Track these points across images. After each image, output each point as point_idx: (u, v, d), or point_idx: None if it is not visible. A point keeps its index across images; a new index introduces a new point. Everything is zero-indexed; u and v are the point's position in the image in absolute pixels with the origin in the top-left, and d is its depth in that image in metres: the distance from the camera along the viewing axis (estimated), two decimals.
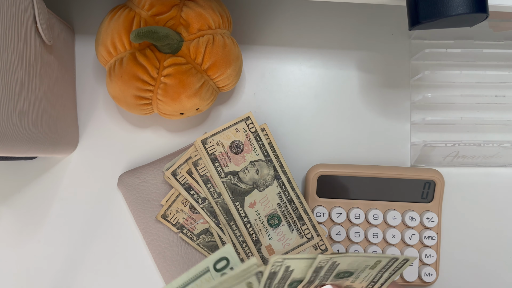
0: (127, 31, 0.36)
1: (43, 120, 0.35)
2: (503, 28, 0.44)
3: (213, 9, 0.37)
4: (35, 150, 0.34)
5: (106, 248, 0.43)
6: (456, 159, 0.43)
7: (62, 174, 0.43)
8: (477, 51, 0.43)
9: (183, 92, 0.36)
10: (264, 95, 0.45)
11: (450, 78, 0.44)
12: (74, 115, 0.43)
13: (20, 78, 0.31)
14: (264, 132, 0.40)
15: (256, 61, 0.45)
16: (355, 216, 0.42)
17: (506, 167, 0.45)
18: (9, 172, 0.43)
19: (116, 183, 0.43)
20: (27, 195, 0.43)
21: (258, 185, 0.40)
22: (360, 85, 0.45)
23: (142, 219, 0.41)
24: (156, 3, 0.36)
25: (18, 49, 0.31)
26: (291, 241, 0.40)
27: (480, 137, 0.45)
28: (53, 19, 0.38)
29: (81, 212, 0.43)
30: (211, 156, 0.39)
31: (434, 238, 0.42)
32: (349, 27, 0.45)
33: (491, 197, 0.44)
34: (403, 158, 0.45)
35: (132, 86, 0.36)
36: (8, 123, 0.29)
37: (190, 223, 0.40)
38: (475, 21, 0.28)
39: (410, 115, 0.45)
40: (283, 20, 0.45)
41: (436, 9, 0.26)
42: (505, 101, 0.44)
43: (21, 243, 0.43)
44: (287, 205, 0.40)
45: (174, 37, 0.35)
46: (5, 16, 0.29)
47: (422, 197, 0.42)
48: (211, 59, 0.36)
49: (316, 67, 0.45)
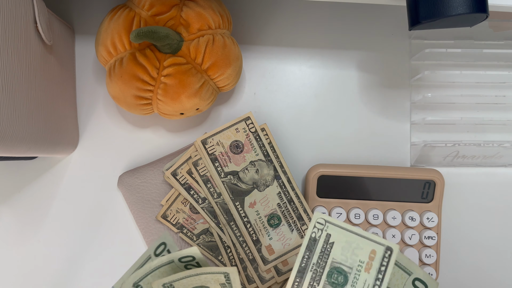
0: (127, 31, 0.36)
1: (43, 120, 0.35)
2: (503, 28, 0.44)
3: (213, 9, 0.37)
4: (35, 150, 0.34)
5: (106, 248, 0.43)
6: (456, 159, 0.43)
7: (62, 174, 0.43)
8: (477, 51, 0.43)
9: (183, 92, 0.36)
10: (264, 95, 0.45)
11: (450, 78, 0.44)
12: (74, 115, 0.43)
13: (20, 78, 0.31)
14: (264, 132, 0.40)
15: (256, 61, 0.45)
16: (355, 216, 0.42)
17: (506, 167, 0.45)
18: (9, 172, 0.43)
19: (116, 183, 0.43)
20: (27, 195, 0.43)
21: (258, 185, 0.40)
22: (360, 85, 0.45)
23: (142, 219, 0.41)
24: (156, 3, 0.36)
25: (18, 49, 0.31)
26: (291, 241, 0.40)
27: (480, 137, 0.45)
28: (53, 19, 0.38)
29: (81, 212, 0.43)
30: (211, 156, 0.39)
31: (434, 238, 0.42)
32: (349, 27, 0.45)
33: (491, 197, 0.44)
34: (403, 158, 0.45)
35: (132, 86, 0.36)
36: (8, 123, 0.29)
37: (190, 223, 0.40)
38: (475, 21, 0.28)
39: (410, 115, 0.45)
40: (283, 20, 0.45)
41: (436, 9, 0.26)
42: (505, 101, 0.44)
43: (21, 243, 0.43)
44: (287, 205, 0.40)
45: (174, 37, 0.35)
46: (5, 16, 0.29)
47: (422, 197, 0.42)
48: (211, 59, 0.36)
49: (316, 67, 0.45)
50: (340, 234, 0.25)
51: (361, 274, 0.25)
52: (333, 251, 0.25)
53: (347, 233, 0.25)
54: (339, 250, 0.25)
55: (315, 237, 0.25)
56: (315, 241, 0.25)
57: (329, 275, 0.25)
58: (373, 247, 0.25)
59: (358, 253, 0.25)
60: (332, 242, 0.25)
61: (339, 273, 0.25)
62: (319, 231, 0.25)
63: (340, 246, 0.25)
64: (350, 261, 0.25)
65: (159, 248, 0.28)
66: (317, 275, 0.25)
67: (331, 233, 0.25)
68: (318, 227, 0.25)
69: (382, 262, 0.24)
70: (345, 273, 0.25)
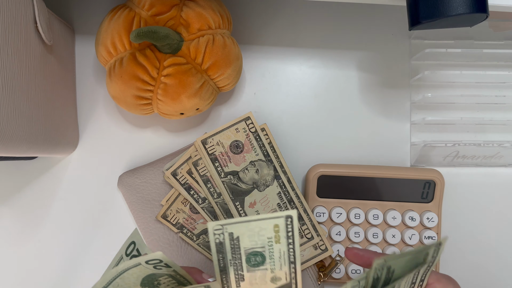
0: (127, 31, 0.36)
1: (43, 120, 0.35)
2: (503, 28, 0.44)
3: (213, 9, 0.37)
4: (35, 150, 0.34)
5: (106, 248, 0.43)
6: (456, 159, 0.43)
7: (62, 174, 0.43)
8: (477, 51, 0.43)
9: (183, 92, 0.36)
10: (264, 95, 0.45)
11: (450, 78, 0.44)
12: (74, 115, 0.43)
13: (20, 78, 0.31)
14: (264, 132, 0.40)
15: (256, 61, 0.45)
16: (355, 216, 0.42)
17: (506, 167, 0.45)
18: (9, 172, 0.43)
19: (116, 183, 0.43)
20: (27, 195, 0.43)
21: (258, 185, 0.40)
22: (360, 85, 0.45)
23: (142, 219, 0.41)
24: (156, 3, 0.36)
25: (18, 49, 0.31)
26: None
27: (480, 137, 0.45)
28: (53, 19, 0.38)
29: (81, 212, 0.43)
30: (211, 156, 0.39)
31: (434, 238, 0.42)
32: (349, 27, 0.45)
33: (491, 197, 0.44)
34: (403, 158, 0.45)
35: (132, 86, 0.36)
36: (8, 123, 0.29)
37: (190, 223, 0.40)
38: (475, 21, 0.28)
39: (410, 115, 0.45)
40: (283, 20, 0.45)
41: (436, 9, 0.26)
42: (505, 101, 0.44)
43: (21, 243, 0.43)
44: (287, 205, 0.40)
45: (174, 37, 0.35)
46: (5, 16, 0.29)
47: (422, 197, 0.42)
48: (211, 59, 0.36)
49: (316, 67, 0.45)
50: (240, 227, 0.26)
51: (274, 247, 0.26)
52: (242, 243, 0.26)
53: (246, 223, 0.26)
54: (246, 239, 0.26)
55: (220, 241, 0.26)
56: (222, 244, 0.26)
57: (248, 261, 0.27)
58: (274, 222, 0.26)
59: (264, 233, 0.26)
60: (237, 236, 0.26)
61: (255, 255, 0.27)
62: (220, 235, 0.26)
63: (245, 236, 0.26)
64: (260, 242, 0.26)
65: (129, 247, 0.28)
66: (237, 266, 0.27)
67: (232, 231, 0.26)
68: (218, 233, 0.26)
69: (288, 229, 0.26)
70: (260, 253, 0.27)
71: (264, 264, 0.27)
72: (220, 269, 0.27)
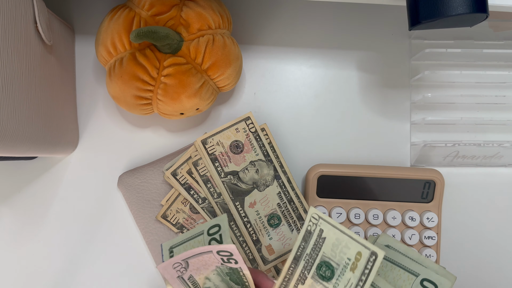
0: (127, 31, 0.36)
1: (43, 120, 0.35)
2: (503, 28, 0.44)
3: (213, 9, 0.37)
4: (35, 150, 0.34)
5: (106, 248, 0.43)
6: (456, 159, 0.43)
7: (62, 174, 0.43)
8: (477, 51, 0.43)
9: (183, 92, 0.36)
10: (264, 95, 0.45)
11: (450, 78, 0.44)
12: (74, 115, 0.43)
13: (20, 78, 0.31)
14: (264, 132, 0.40)
15: (256, 61, 0.45)
16: (355, 216, 0.42)
17: (506, 167, 0.45)
18: (9, 172, 0.43)
19: (116, 183, 0.43)
20: (27, 195, 0.43)
21: (258, 185, 0.40)
22: (360, 85, 0.45)
23: (142, 219, 0.41)
24: (156, 3, 0.36)
25: (18, 49, 0.31)
26: (291, 241, 0.40)
27: (480, 137, 0.45)
28: (53, 19, 0.38)
29: (81, 212, 0.43)
30: (211, 156, 0.39)
31: (434, 238, 0.42)
32: (349, 27, 0.45)
33: (491, 197, 0.44)
34: (403, 158, 0.45)
35: (132, 86, 0.36)
36: (8, 123, 0.29)
37: (190, 223, 0.40)
38: (475, 21, 0.28)
39: (410, 115, 0.45)
40: (283, 20, 0.45)
41: (436, 9, 0.26)
42: (505, 101, 0.44)
43: (21, 243, 0.43)
44: (287, 205, 0.40)
45: (174, 37, 0.35)
46: (5, 16, 0.29)
47: (422, 197, 0.42)
48: (211, 59, 0.36)
49: (316, 67, 0.45)
50: (331, 231, 0.26)
51: (346, 272, 0.26)
52: (324, 246, 0.26)
53: (337, 231, 0.26)
54: (330, 245, 0.26)
55: (310, 230, 0.26)
56: (310, 234, 0.26)
57: (318, 267, 0.27)
58: (359, 249, 0.25)
59: (346, 252, 0.26)
60: (324, 237, 0.26)
61: (327, 267, 0.26)
62: (314, 225, 0.26)
63: (330, 242, 0.26)
64: (338, 257, 0.26)
65: (213, 228, 0.29)
66: (308, 264, 0.27)
67: (323, 229, 0.26)
68: (314, 221, 0.26)
69: (367, 265, 0.25)
70: (332, 268, 0.26)
71: (329, 281, 0.26)
72: (295, 256, 0.27)
